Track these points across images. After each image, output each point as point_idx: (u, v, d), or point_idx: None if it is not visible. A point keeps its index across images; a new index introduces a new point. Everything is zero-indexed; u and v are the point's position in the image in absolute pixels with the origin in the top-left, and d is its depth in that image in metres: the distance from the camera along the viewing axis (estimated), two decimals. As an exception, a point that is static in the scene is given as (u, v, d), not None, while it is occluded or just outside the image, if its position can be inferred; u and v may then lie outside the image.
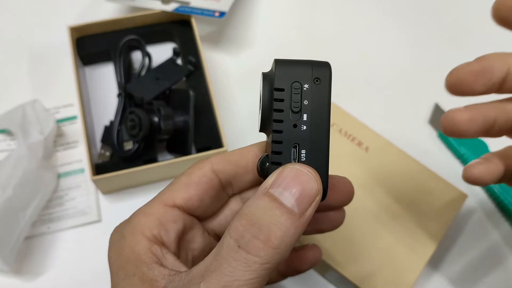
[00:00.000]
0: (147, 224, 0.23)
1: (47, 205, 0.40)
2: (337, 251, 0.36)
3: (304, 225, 0.21)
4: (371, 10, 0.53)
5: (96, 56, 0.46)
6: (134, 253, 0.22)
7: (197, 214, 0.26)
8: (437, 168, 0.41)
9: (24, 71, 0.47)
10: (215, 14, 0.45)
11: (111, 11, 0.50)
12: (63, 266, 0.38)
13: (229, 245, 0.20)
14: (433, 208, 0.38)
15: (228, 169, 0.26)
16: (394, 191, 0.38)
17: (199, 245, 0.26)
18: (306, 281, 0.39)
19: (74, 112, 0.45)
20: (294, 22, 0.52)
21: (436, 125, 0.45)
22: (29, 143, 0.39)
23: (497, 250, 0.41)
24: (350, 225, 0.37)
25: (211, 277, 0.20)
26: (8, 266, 0.36)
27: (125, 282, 0.22)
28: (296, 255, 0.29)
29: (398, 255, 0.36)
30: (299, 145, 0.22)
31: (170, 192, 0.25)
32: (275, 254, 0.20)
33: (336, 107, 0.42)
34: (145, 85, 0.42)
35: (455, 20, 0.53)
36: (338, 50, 0.50)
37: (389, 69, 0.49)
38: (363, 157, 0.40)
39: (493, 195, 0.42)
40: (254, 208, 0.21)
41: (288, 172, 0.21)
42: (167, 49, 0.47)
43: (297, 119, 0.22)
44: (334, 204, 0.28)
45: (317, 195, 0.21)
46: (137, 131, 0.39)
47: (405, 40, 0.51)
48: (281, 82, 0.22)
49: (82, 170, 0.42)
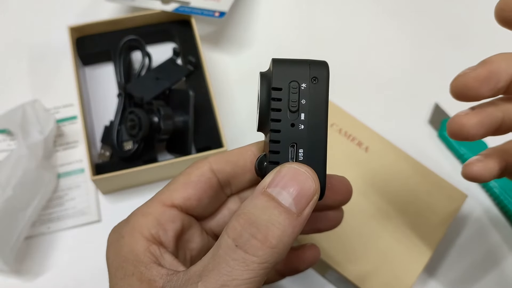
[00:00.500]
0: (145, 224, 0.23)
1: (47, 205, 0.40)
2: (337, 251, 0.36)
3: (302, 224, 0.21)
4: (371, 10, 0.53)
5: (96, 56, 0.46)
6: (132, 253, 0.22)
7: (195, 214, 0.26)
8: (437, 168, 0.41)
9: (24, 71, 0.47)
10: (215, 14, 0.45)
11: (111, 11, 0.50)
12: (63, 266, 0.38)
13: (227, 244, 0.20)
14: (433, 208, 0.38)
15: (226, 169, 0.26)
16: (394, 191, 0.38)
17: (198, 245, 0.26)
18: (305, 281, 0.39)
19: (74, 112, 0.45)
20: (294, 22, 0.52)
21: (436, 125, 0.45)
22: (29, 143, 0.39)
23: (497, 250, 0.41)
24: (350, 225, 0.37)
25: (209, 277, 0.20)
26: (8, 266, 0.36)
27: (123, 282, 0.22)
28: (294, 254, 0.29)
29: (398, 255, 0.36)
30: (297, 145, 0.22)
31: (168, 192, 0.25)
32: (273, 253, 0.20)
33: (336, 107, 0.42)
34: (145, 85, 0.42)
35: (455, 20, 0.53)
36: (338, 50, 0.50)
37: (389, 69, 0.49)
38: (363, 157, 0.40)
39: (493, 195, 0.42)
40: (252, 207, 0.21)
41: (286, 172, 0.21)
42: (167, 49, 0.47)
43: (295, 118, 0.22)
44: (332, 204, 0.28)
45: (315, 194, 0.21)
46: (137, 131, 0.39)
47: (405, 40, 0.51)
48: (279, 81, 0.22)
49: (82, 170, 0.42)
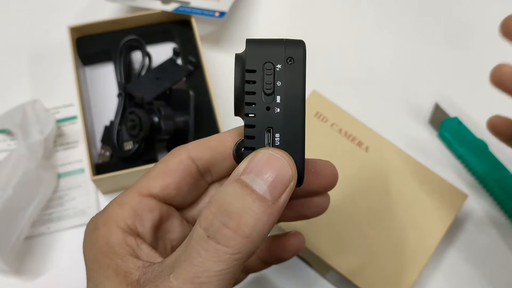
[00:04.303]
0: (121, 214, 0.23)
1: (47, 205, 0.40)
2: (337, 251, 0.36)
3: (278, 212, 0.20)
4: (371, 10, 0.53)
5: (96, 56, 0.46)
6: (108, 244, 0.22)
7: (175, 203, 0.25)
8: (437, 168, 0.41)
9: (24, 71, 0.47)
10: (215, 14, 0.45)
11: (111, 11, 0.50)
12: (63, 266, 0.38)
13: (198, 235, 0.19)
14: (433, 208, 0.38)
15: (205, 156, 0.25)
16: (394, 191, 0.38)
17: (178, 235, 0.25)
18: (305, 281, 0.39)
19: (74, 112, 0.45)
20: (294, 22, 0.52)
21: (436, 125, 0.45)
22: (29, 143, 0.39)
23: (497, 250, 0.41)
24: (351, 225, 0.37)
25: (180, 268, 0.19)
26: (8, 266, 0.36)
27: (99, 274, 0.21)
28: (278, 243, 0.29)
29: (398, 255, 0.36)
30: (273, 129, 0.21)
31: (145, 181, 0.24)
32: (247, 243, 0.19)
33: (336, 107, 0.42)
34: (145, 85, 0.42)
35: (456, 20, 0.53)
36: (338, 50, 0.50)
37: (389, 69, 0.49)
38: (363, 157, 0.40)
39: (493, 195, 0.42)
40: (224, 194, 0.20)
41: (260, 157, 0.20)
42: (167, 49, 0.47)
43: (270, 101, 0.21)
44: (317, 189, 0.26)
45: (291, 180, 0.20)
46: (137, 131, 0.39)
47: (406, 40, 0.51)
48: (252, 62, 0.21)
49: (82, 170, 0.42)
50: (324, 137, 0.40)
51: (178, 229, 0.25)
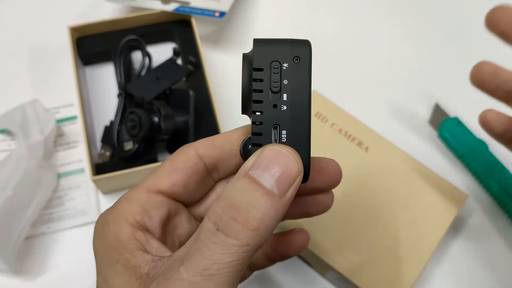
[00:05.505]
0: (130, 210, 0.23)
1: (47, 205, 0.40)
2: (336, 251, 0.36)
3: (285, 206, 0.20)
4: (371, 9, 0.53)
5: (96, 56, 0.46)
6: (117, 239, 0.22)
7: (182, 200, 0.25)
8: (437, 168, 0.41)
9: (24, 71, 0.47)
10: (215, 14, 0.45)
11: (111, 11, 0.50)
12: (63, 266, 0.38)
13: (207, 228, 0.20)
14: (433, 208, 0.38)
15: (213, 154, 0.25)
16: (394, 191, 0.38)
17: (186, 231, 0.26)
18: (305, 281, 0.39)
19: (74, 112, 0.45)
20: (294, 22, 0.52)
21: (436, 125, 0.45)
22: (29, 143, 0.39)
23: (497, 250, 0.41)
24: (350, 224, 0.37)
25: (190, 261, 0.19)
26: (8, 266, 0.36)
27: (109, 268, 0.22)
28: (283, 239, 0.29)
29: (398, 255, 0.36)
30: (280, 126, 0.22)
31: (154, 178, 0.24)
32: (255, 236, 0.19)
33: (336, 107, 0.42)
34: (145, 85, 0.42)
35: (456, 20, 0.53)
36: (338, 50, 0.50)
37: (389, 69, 0.49)
38: (363, 157, 0.40)
39: (493, 195, 0.42)
40: (232, 190, 0.20)
41: (268, 153, 0.21)
42: (167, 49, 0.47)
43: (277, 99, 0.22)
44: (321, 186, 0.27)
45: (298, 175, 0.21)
46: (137, 131, 0.39)
47: (406, 40, 0.51)
48: (260, 61, 0.22)
49: (82, 170, 0.42)
50: (324, 137, 0.40)
51: (186, 225, 0.26)
